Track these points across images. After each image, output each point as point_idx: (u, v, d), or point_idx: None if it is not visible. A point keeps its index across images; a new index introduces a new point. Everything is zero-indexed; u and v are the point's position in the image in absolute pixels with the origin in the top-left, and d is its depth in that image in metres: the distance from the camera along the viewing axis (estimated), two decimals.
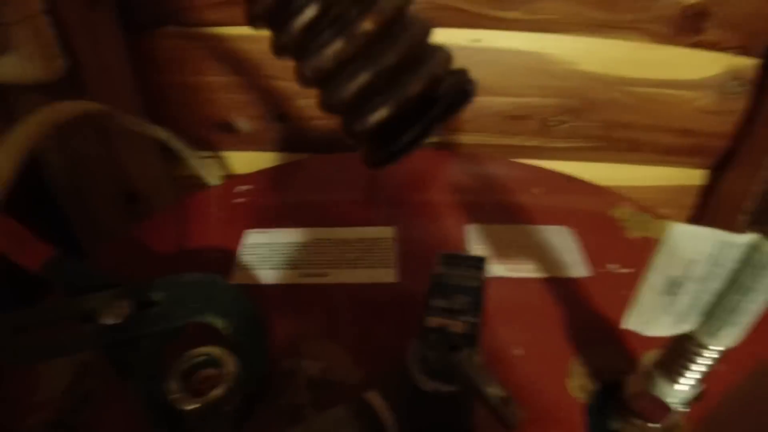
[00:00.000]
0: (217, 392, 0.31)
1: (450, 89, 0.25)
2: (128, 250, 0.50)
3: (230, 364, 0.33)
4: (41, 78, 0.50)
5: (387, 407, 0.29)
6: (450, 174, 0.59)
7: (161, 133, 0.49)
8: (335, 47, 0.22)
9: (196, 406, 0.31)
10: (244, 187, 0.56)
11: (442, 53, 0.25)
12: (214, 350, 0.34)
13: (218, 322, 0.38)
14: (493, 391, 0.26)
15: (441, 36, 0.59)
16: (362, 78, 0.23)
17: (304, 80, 0.24)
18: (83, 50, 0.56)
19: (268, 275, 0.45)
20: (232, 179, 0.59)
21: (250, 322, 0.38)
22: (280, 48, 0.24)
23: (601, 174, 0.70)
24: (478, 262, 0.33)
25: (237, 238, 0.49)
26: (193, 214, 0.54)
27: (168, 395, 0.32)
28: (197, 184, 0.73)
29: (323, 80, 0.24)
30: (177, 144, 0.53)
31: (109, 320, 0.36)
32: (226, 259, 0.47)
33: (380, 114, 0.23)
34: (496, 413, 0.25)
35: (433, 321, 0.29)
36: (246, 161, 0.72)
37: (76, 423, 0.36)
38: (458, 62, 0.62)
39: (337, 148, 0.68)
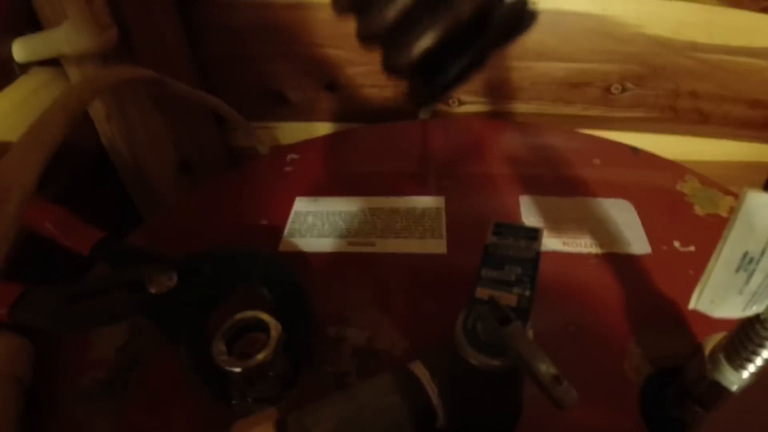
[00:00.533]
0: (262, 356, 0.31)
1: (505, 14, 0.22)
2: (182, 220, 0.51)
3: (275, 328, 0.33)
4: (94, 48, 0.50)
5: (431, 378, 0.28)
6: (504, 144, 0.57)
7: (212, 101, 0.49)
8: None
9: (241, 368, 0.31)
10: (294, 156, 0.56)
11: None
12: (260, 314, 0.34)
13: (263, 291, 0.38)
14: (545, 368, 0.24)
15: None
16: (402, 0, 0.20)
17: (340, 7, 0.21)
18: (136, 19, 0.57)
19: (316, 243, 0.45)
20: (282, 148, 0.59)
21: (293, 291, 0.38)
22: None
23: (665, 147, 0.66)
24: (533, 233, 0.31)
25: (287, 206, 0.49)
26: (244, 183, 0.54)
27: (215, 357, 0.32)
28: (250, 154, 0.74)
29: (362, 4, 0.21)
30: (228, 112, 0.53)
31: (156, 289, 0.37)
32: (276, 227, 0.47)
33: (426, 41, 0.20)
34: (547, 392, 0.24)
35: (484, 292, 0.28)
36: (296, 131, 0.72)
37: (128, 381, 0.37)
38: None
39: (387, 118, 0.67)
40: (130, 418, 0.35)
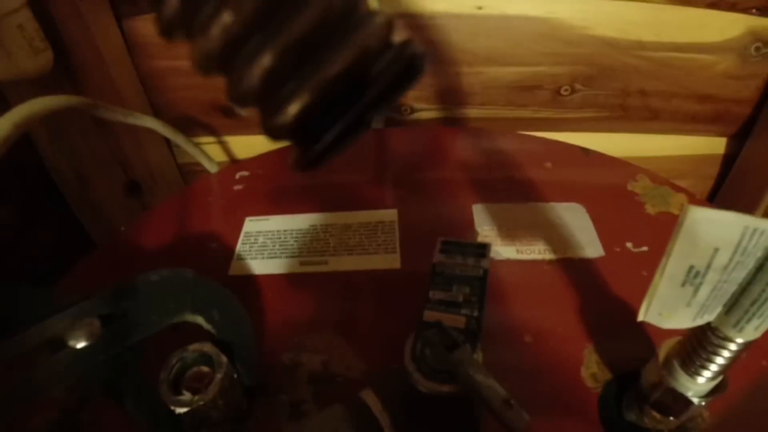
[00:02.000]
0: (211, 392, 0.30)
1: (389, 65, 0.19)
2: (130, 246, 0.49)
3: (222, 360, 0.32)
4: (30, 72, 0.48)
5: (383, 407, 0.27)
6: (457, 151, 0.56)
7: (150, 122, 0.47)
8: (222, 22, 0.17)
9: (190, 408, 0.29)
10: (244, 173, 0.55)
11: (379, 19, 0.19)
12: (204, 347, 0.33)
13: (197, 319, 0.36)
14: (494, 392, 0.24)
15: (441, 6, 0.56)
16: (264, 60, 0.18)
17: (200, 67, 0.19)
18: (73, 40, 0.54)
19: (268, 265, 0.43)
20: (232, 166, 0.57)
21: (233, 315, 0.36)
22: (165, 28, 0.19)
23: (617, 145, 0.67)
24: (481, 249, 0.31)
25: (237, 226, 0.48)
26: (193, 204, 0.52)
27: (164, 401, 0.30)
28: (201, 170, 0.72)
29: (220, 67, 0.19)
30: (169, 132, 0.51)
31: (81, 342, 0.33)
32: (227, 249, 0.46)
33: (296, 105, 0.18)
34: (498, 417, 0.24)
35: (432, 315, 0.27)
36: (248, 145, 0.70)
37: (81, 422, 0.35)
38: (461, 31, 0.60)
39: None
40: None
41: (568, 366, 0.36)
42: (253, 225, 0.47)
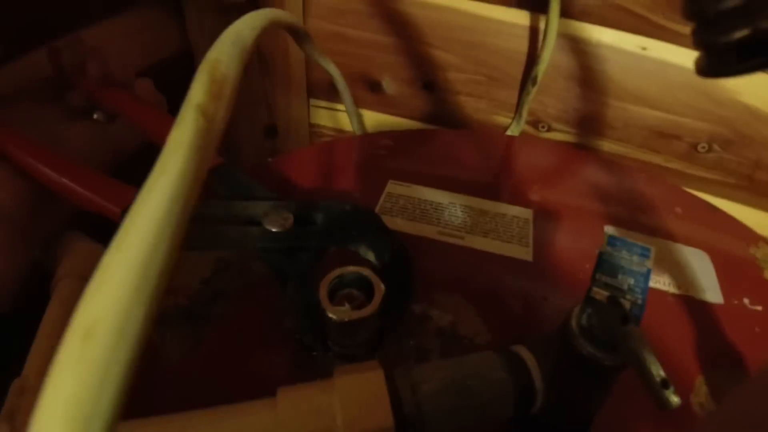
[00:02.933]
0: (367, 311, 0.33)
1: None
2: (272, 177, 0.52)
3: (379, 288, 0.34)
4: None
5: (537, 363, 0.29)
6: (590, 174, 0.58)
7: (333, 70, 0.51)
8: None
9: (346, 319, 0.32)
10: (388, 142, 0.58)
11: None
12: (365, 271, 0.36)
13: (370, 255, 0.39)
14: (656, 370, 0.26)
15: (608, 37, 0.59)
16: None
17: None
18: None
19: (407, 225, 0.47)
20: (376, 134, 0.61)
21: (400, 263, 0.39)
22: None
23: (736, 215, 0.67)
24: (646, 251, 0.33)
25: (379, 186, 0.51)
26: (337, 155, 0.56)
27: (320, 303, 0.33)
28: (328, 134, 0.77)
29: None
30: (342, 83, 0.55)
31: (273, 227, 0.38)
32: (369, 202, 0.49)
33: (742, 33, 0.22)
34: (654, 392, 0.26)
35: (600, 293, 0.30)
36: (381, 123, 0.74)
37: (210, 314, 0.38)
38: (619, 66, 0.62)
39: (473, 127, 0.69)
40: (206, 350, 0.36)
41: (680, 390, 0.37)
42: (395, 188, 0.51)
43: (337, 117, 0.75)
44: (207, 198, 0.43)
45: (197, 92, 0.18)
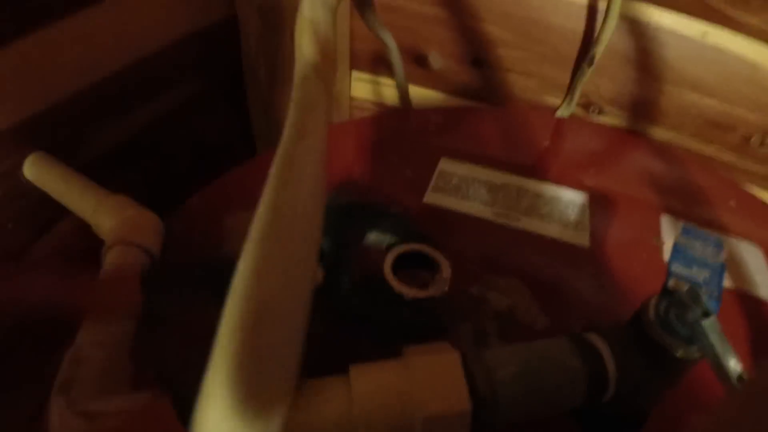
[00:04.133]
0: (436, 289, 0.33)
1: None
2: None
3: (446, 266, 0.34)
4: None
5: (610, 351, 0.29)
6: (644, 161, 0.57)
7: (390, 41, 0.50)
8: None
9: (422, 296, 0.32)
10: (438, 119, 0.57)
11: None
12: (427, 249, 0.35)
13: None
14: (734, 365, 0.26)
15: (668, 20, 0.57)
16: None
17: None
18: None
19: (461, 204, 0.46)
20: (424, 110, 0.60)
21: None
22: None
23: None
24: (718, 244, 0.32)
25: (430, 163, 0.51)
26: (387, 129, 0.55)
27: (387, 282, 0.33)
28: (369, 108, 0.76)
29: None
30: (397, 56, 0.54)
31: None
32: (420, 179, 0.49)
33: None
34: (729, 386, 0.25)
35: (677, 284, 0.29)
36: (425, 98, 0.73)
37: None
38: (678, 51, 0.60)
39: (520, 106, 0.68)
40: None
41: None
42: (448, 165, 0.50)
43: (380, 90, 0.74)
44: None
45: (310, 51, 0.18)
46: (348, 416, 0.24)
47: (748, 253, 0.48)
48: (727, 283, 0.44)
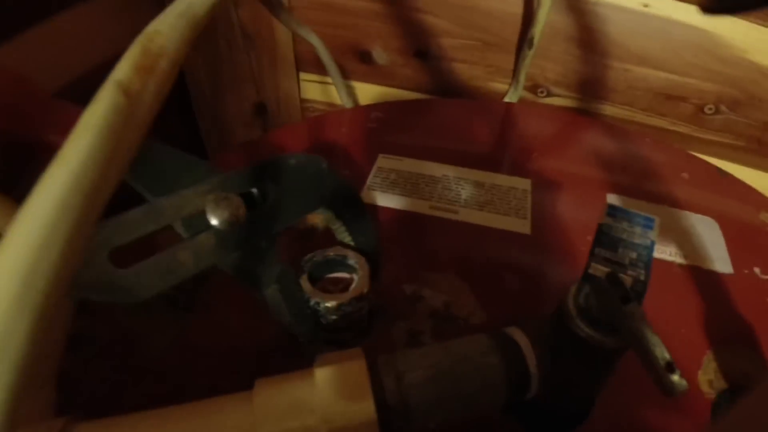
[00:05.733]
0: (356, 291, 0.31)
1: None
2: (255, 156, 0.50)
3: (364, 265, 0.32)
4: None
5: (531, 346, 0.27)
6: (591, 141, 0.56)
7: (315, 40, 0.49)
8: None
9: (335, 303, 0.30)
10: (378, 114, 0.56)
11: None
12: (343, 251, 0.33)
13: (328, 216, 0.35)
14: (661, 353, 0.24)
15: None
16: None
17: None
18: None
19: (398, 200, 0.44)
20: (366, 106, 0.58)
21: (361, 218, 0.35)
22: None
23: (745, 179, 0.65)
24: (649, 222, 0.30)
25: (369, 160, 0.49)
26: (327, 130, 0.54)
27: (305, 291, 0.31)
28: (320, 110, 0.74)
29: None
30: (325, 55, 0.52)
31: (224, 224, 0.29)
32: (358, 177, 0.47)
33: None
34: (658, 377, 0.23)
35: (599, 270, 0.27)
36: (374, 94, 0.71)
37: (193, 301, 0.36)
38: (621, 25, 0.59)
39: (469, 95, 0.66)
40: (192, 340, 0.34)
41: (687, 367, 0.35)
42: (386, 162, 0.48)
43: (329, 91, 0.72)
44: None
45: (121, 67, 0.16)
46: None
47: (704, 226, 0.46)
48: (680, 259, 0.43)
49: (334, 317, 0.32)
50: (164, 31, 0.19)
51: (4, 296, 0.10)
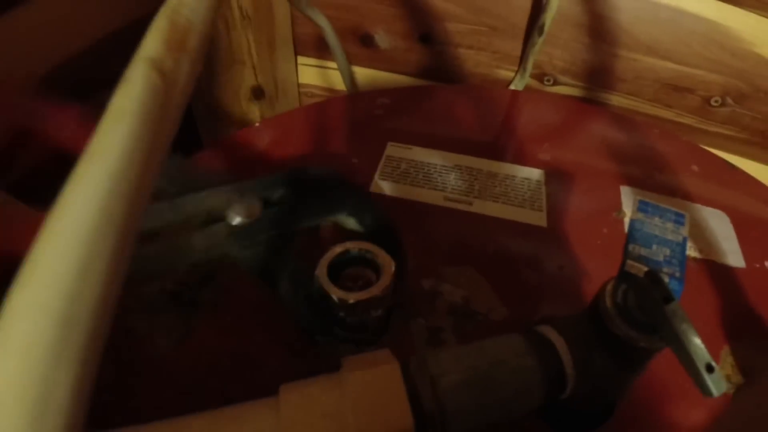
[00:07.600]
0: (379, 289, 0.30)
1: None
2: (259, 144, 0.48)
3: (388, 262, 0.31)
4: None
5: (566, 346, 0.26)
6: (602, 131, 0.55)
7: (323, 21, 0.47)
8: None
9: (356, 300, 0.29)
10: (385, 101, 0.54)
11: None
12: (367, 245, 0.32)
13: (350, 222, 0.36)
14: (702, 353, 0.23)
15: None
16: None
17: None
18: None
19: (410, 191, 0.43)
20: (371, 92, 0.57)
21: (383, 225, 0.35)
22: None
23: (749, 172, 0.65)
24: (680, 217, 0.30)
25: (377, 149, 0.47)
26: (332, 117, 0.52)
27: (322, 287, 0.30)
28: (319, 95, 0.72)
29: None
30: (332, 37, 0.50)
31: (239, 219, 0.33)
32: (368, 166, 0.45)
33: None
34: (698, 377, 0.23)
35: (634, 267, 0.27)
36: (374, 79, 0.70)
37: (198, 300, 0.35)
38: (630, 13, 0.58)
39: (473, 82, 0.65)
40: (196, 340, 0.33)
41: None
42: (395, 150, 0.47)
43: (328, 75, 0.71)
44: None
45: (152, 43, 0.14)
46: None
47: (714, 219, 0.46)
48: (693, 252, 0.42)
49: (354, 316, 0.30)
50: (188, 2, 0.17)
51: (41, 345, 0.08)
